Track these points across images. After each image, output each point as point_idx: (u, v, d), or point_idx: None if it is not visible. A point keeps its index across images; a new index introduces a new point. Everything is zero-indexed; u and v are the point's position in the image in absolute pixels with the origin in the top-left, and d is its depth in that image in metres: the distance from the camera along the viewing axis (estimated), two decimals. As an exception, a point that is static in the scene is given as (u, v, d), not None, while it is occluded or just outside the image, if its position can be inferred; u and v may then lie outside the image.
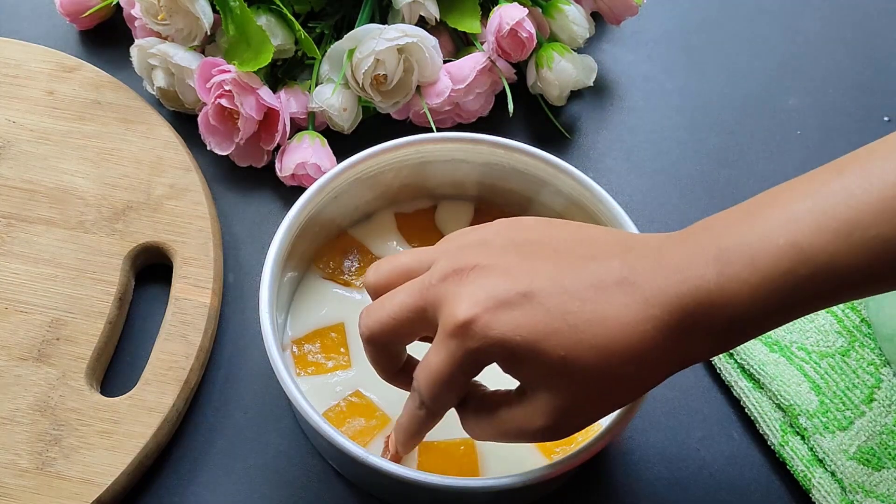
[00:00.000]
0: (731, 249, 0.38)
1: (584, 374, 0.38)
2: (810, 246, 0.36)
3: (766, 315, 0.38)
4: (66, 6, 0.66)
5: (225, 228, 0.61)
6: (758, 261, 0.37)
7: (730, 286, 0.37)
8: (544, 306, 0.38)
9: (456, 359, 0.39)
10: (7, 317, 0.55)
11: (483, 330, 0.38)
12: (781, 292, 0.37)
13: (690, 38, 0.71)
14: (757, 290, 0.37)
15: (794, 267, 0.37)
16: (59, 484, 0.50)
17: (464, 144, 0.55)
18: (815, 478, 0.52)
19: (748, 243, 0.38)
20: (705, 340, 0.38)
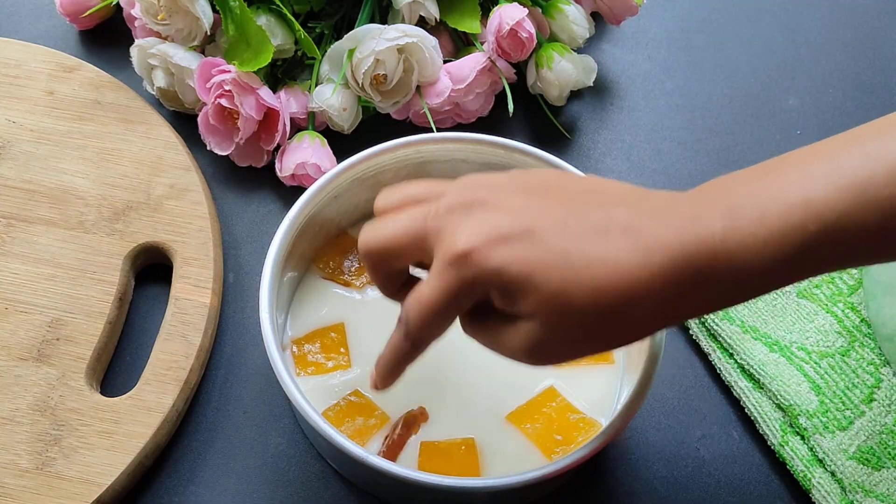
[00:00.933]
0: (741, 205, 0.37)
1: (574, 311, 0.38)
2: (822, 202, 0.36)
3: (770, 271, 0.37)
4: (65, 6, 0.66)
5: (225, 228, 0.61)
6: (767, 216, 0.37)
7: (736, 238, 0.37)
8: (544, 243, 0.38)
9: (450, 288, 0.39)
10: (7, 317, 0.55)
11: (480, 260, 0.38)
12: (789, 248, 0.37)
13: (690, 38, 0.71)
14: (765, 244, 0.37)
15: (803, 223, 0.36)
16: (59, 484, 0.50)
17: (464, 144, 0.55)
18: (814, 478, 0.52)
19: (759, 198, 0.37)
20: (704, 295, 0.38)
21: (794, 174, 0.38)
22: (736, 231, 0.37)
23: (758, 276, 0.37)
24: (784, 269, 0.37)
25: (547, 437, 0.51)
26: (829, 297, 0.57)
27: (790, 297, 0.57)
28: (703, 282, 0.38)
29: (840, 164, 0.37)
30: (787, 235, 0.37)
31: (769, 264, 0.37)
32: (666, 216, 0.39)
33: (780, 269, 0.37)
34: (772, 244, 0.37)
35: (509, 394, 0.52)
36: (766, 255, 0.37)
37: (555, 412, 0.51)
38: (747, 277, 0.38)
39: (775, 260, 0.37)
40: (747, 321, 0.56)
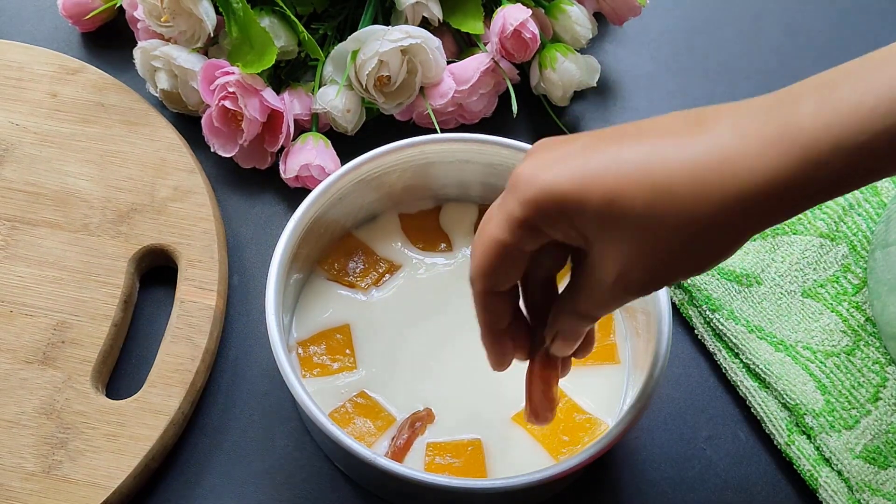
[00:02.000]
0: (834, 83, 0.33)
1: (640, 219, 0.34)
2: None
3: (878, 150, 0.32)
4: (68, 8, 0.66)
5: (229, 230, 0.61)
6: (868, 89, 0.32)
7: (832, 108, 0.32)
8: (597, 153, 0.35)
9: (509, 217, 0.36)
10: (12, 320, 0.55)
11: (531, 179, 0.36)
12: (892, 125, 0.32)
13: (693, 38, 0.71)
14: (871, 113, 0.32)
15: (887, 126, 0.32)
16: (66, 487, 0.50)
17: (468, 145, 0.55)
18: (821, 477, 0.52)
19: (855, 78, 0.33)
20: (799, 179, 0.33)
21: (891, 56, 0.33)
22: (833, 101, 0.33)
23: (862, 154, 0.32)
24: (887, 146, 0.32)
25: (553, 437, 0.51)
26: (833, 297, 0.57)
27: (795, 296, 0.57)
28: (799, 160, 0.33)
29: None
30: (889, 116, 0.32)
31: (877, 140, 0.32)
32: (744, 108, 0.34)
33: (890, 148, 0.32)
34: (879, 114, 0.32)
35: (515, 394, 0.52)
36: (876, 128, 0.32)
37: (561, 412, 0.51)
38: (853, 155, 0.32)
39: (886, 135, 0.32)
40: (752, 321, 0.56)
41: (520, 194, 0.36)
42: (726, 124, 0.34)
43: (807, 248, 0.58)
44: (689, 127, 0.35)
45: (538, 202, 0.36)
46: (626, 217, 0.34)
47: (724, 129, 0.34)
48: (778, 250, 0.58)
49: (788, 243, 0.58)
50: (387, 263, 0.57)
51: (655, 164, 0.34)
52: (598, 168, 0.35)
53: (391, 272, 0.56)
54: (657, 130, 0.35)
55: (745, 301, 0.56)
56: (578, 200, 0.35)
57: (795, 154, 0.33)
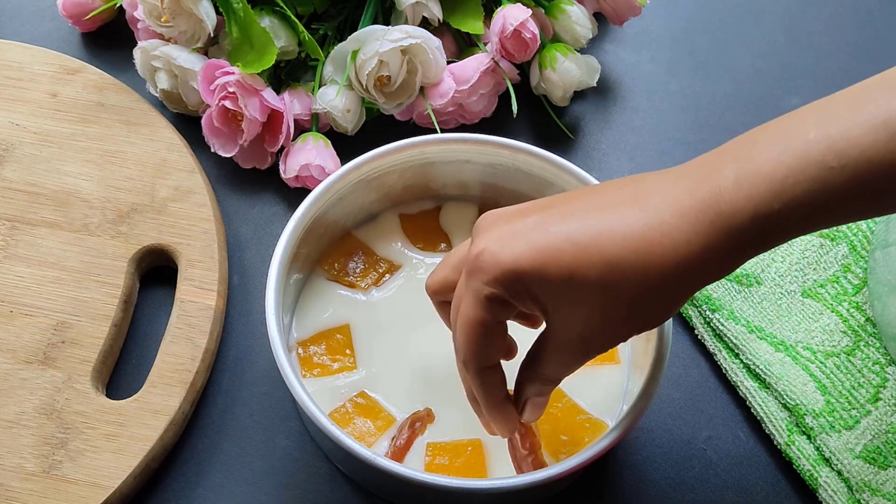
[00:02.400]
0: (754, 149, 0.36)
1: (595, 290, 0.37)
2: (843, 138, 0.35)
3: (791, 215, 0.35)
4: (68, 8, 0.66)
5: (229, 230, 0.61)
6: (783, 154, 0.35)
7: (750, 180, 0.35)
8: (551, 231, 0.38)
9: (478, 297, 0.40)
10: (12, 320, 0.55)
11: (492, 259, 0.38)
12: (809, 187, 0.35)
13: (694, 38, 0.71)
14: (782, 183, 0.35)
15: (823, 158, 0.34)
16: (66, 487, 0.50)
17: (468, 145, 0.55)
18: (821, 477, 0.52)
19: (771, 141, 0.36)
20: (726, 246, 0.36)
21: (812, 116, 0.36)
22: (750, 173, 0.35)
23: (778, 220, 0.35)
24: (807, 211, 0.35)
25: (553, 437, 0.51)
26: (834, 297, 0.57)
27: (795, 296, 0.57)
28: (724, 232, 0.36)
29: (864, 102, 0.35)
30: (805, 172, 0.35)
31: (789, 206, 0.35)
32: (672, 178, 0.38)
33: (803, 210, 0.35)
34: (789, 184, 0.35)
35: (516, 395, 0.52)
36: (785, 196, 0.35)
37: (561, 413, 0.51)
38: (767, 223, 0.36)
39: (795, 201, 0.35)
40: (753, 321, 0.56)
41: (485, 275, 0.39)
42: (662, 198, 0.38)
43: (807, 248, 0.58)
44: (630, 201, 0.38)
45: (504, 280, 0.39)
46: (584, 288, 0.38)
47: (660, 203, 0.37)
48: (778, 250, 0.58)
49: (788, 243, 0.58)
50: (387, 263, 0.57)
51: (605, 240, 0.37)
52: (555, 244, 0.38)
53: (391, 272, 0.56)
54: (602, 204, 0.39)
55: (745, 301, 0.56)
56: (539, 276, 0.38)
57: (721, 224, 0.36)
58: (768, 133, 0.37)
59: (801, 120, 0.37)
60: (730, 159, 0.37)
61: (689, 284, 0.38)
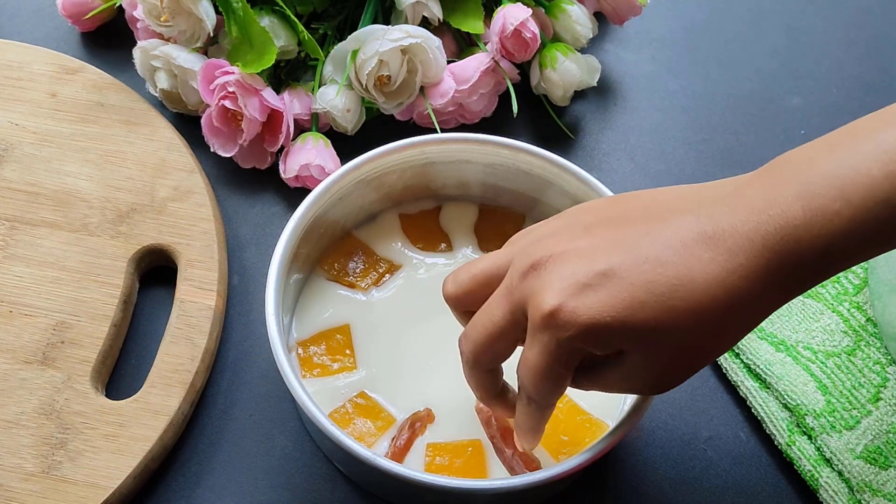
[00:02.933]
0: (816, 183, 0.37)
1: (679, 337, 0.38)
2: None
3: (858, 247, 0.37)
4: (67, 8, 0.66)
5: (229, 230, 0.61)
6: (848, 193, 0.36)
7: (818, 221, 0.36)
8: (626, 280, 0.38)
9: (551, 350, 0.39)
10: (11, 320, 0.55)
11: (571, 317, 0.38)
12: (876, 223, 0.36)
13: (694, 38, 0.71)
14: (850, 222, 0.36)
15: (887, 196, 0.36)
16: (65, 488, 0.50)
17: (468, 145, 0.55)
18: (822, 477, 0.52)
19: (836, 175, 0.37)
20: (797, 279, 0.38)
21: (867, 146, 0.37)
22: (817, 212, 0.36)
23: (846, 252, 0.37)
24: (873, 242, 0.37)
25: (554, 438, 0.50)
26: (834, 297, 0.57)
27: (796, 296, 0.57)
28: (792, 268, 0.37)
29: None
30: (871, 211, 0.36)
31: (856, 240, 0.36)
32: (735, 209, 0.38)
33: (869, 243, 0.37)
34: (857, 221, 0.36)
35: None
36: (852, 233, 0.36)
37: (562, 413, 0.51)
38: (836, 256, 0.37)
39: (863, 235, 0.36)
40: (753, 321, 0.56)
41: (561, 332, 0.38)
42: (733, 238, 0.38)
43: (807, 248, 0.58)
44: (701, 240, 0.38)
45: (581, 338, 0.38)
46: (668, 336, 0.38)
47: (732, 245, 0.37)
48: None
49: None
50: (387, 263, 0.56)
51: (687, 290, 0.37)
52: (636, 297, 0.38)
53: (391, 272, 0.56)
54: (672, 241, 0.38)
55: (745, 301, 0.56)
56: (622, 330, 0.38)
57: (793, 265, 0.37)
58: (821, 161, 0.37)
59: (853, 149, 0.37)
60: (790, 190, 0.37)
61: (761, 317, 0.39)
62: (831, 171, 0.37)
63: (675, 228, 0.39)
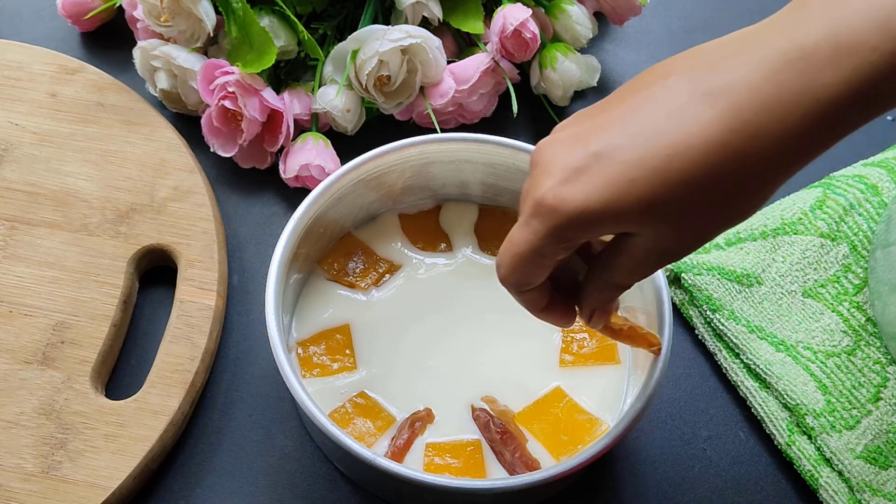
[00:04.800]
0: (849, 17, 0.32)
1: (680, 209, 0.34)
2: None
3: (893, 90, 0.32)
4: (67, 8, 0.66)
5: (229, 230, 0.61)
6: (892, 23, 0.31)
7: (851, 61, 0.32)
8: (616, 159, 0.34)
9: (538, 238, 0.37)
10: (11, 320, 0.55)
11: (559, 203, 0.35)
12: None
13: (694, 38, 0.71)
14: (892, 56, 0.31)
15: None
16: (65, 488, 0.50)
17: (468, 145, 0.55)
18: (822, 477, 0.52)
19: (878, 6, 0.32)
20: (822, 132, 0.33)
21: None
22: (850, 50, 0.31)
23: (881, 97, 0.32)
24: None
25: (554, 437, 0.51)
26: (834, 297, 0.57)
27: (796, 296, 0.57)
28: (816, 121, 0.32)
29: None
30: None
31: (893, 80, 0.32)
32: (746, 60, 0.33)
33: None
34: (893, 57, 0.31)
35: (516, 394, 0.52)
36: (889, 71, 0.31)
37: (562, 413, 0.51)
38: (870, 102, 0.32)
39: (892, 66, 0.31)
40: (753, 321, 0.56)
41: (550, 220, 0.36)
42: (737, 90, 0.33)
43: (807, 247, 0.58)
44: (700, 97, 0.34)
45: (570, 227, 0.36)
46: (667, 211, 0.35)
47: (736, 97, 0.33)
48: (779, 250, 0.58)
49: (789, 243, 0.58)
50: (387, 263, 0.56)
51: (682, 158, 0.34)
52: (626, 175, 0.34)
53: (391, 272, 0.56)
54: (668, 105, 0.34)
55: (745, 301, 0.56)
56: (614, 213, 0.35)
57: (818, 112, 0.33)
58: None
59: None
60: (818, 26, 0.32)
61: (784, 175, 0.35)
62: (872, 2, 0.32)
63: (672, 92, 0.34)
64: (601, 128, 0.36)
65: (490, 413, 0.51)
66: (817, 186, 0.60)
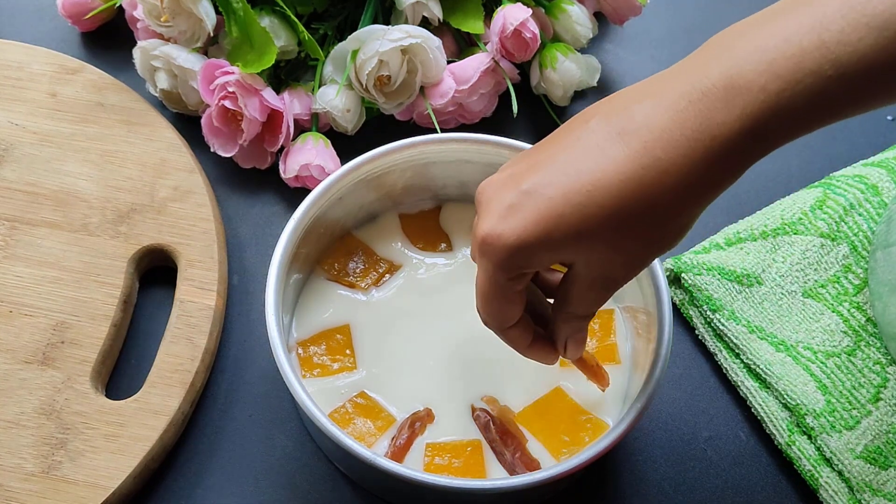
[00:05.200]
0: (743, 59, 0.35)
1: (605, 238, 0.37)
2: (839, 44, 0.33)
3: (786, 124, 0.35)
4: (67, 8, 0.66)
5: (229, 231, 0.61)
6: (777, 65, 0.34)
7: (743, 99, 0.34)
8: (545, 196, 0.38)
9: (491, 274, 0.40)
10: (11, 320, 0.55)
11: (498, 240, 0.39)
12: (807, 96, 0.34)
13: (693, 37, 0.71)
14: (778, 97, 0.34)
15: (819, 67, 0.33)
16: (66, 488, 0.50)
17: (468, 145, 0.55)
18: (822, 477, 0.52)
19: (765, 48, 0.34)
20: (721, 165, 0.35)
21: (803, 16, 0.34)
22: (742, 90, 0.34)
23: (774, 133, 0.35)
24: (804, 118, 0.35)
25: (554, 437, 0.51)
26: (834, 297, 0.57)
27: (796, 297, 0.57)
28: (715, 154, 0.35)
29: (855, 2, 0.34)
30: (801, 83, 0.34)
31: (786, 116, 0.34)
32: (656, 103, 0.36)
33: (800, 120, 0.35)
34: (786, 96, 0.34)
35: (516, 394, 0.52)
36: (782, 108, 0.34)
37: (562, 413, 0.51)
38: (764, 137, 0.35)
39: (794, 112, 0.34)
40: (753, 321, 0.56)
41: (494, 256, 0.39)
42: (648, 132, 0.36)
43: (808, 248, 0.58)
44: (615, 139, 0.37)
45: (512, 258, 0.39)
46: (594, 239, 0.38)
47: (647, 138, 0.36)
48: (779, 250, 0.58)
49: (789, 243, 0.58)
50: (387, 263, 0.56)
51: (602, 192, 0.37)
52: (554, 210, 0.37)
53: (391, 272, 0.56)
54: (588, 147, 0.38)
55: (745, 301, 0.56)
56: (547, 243, 0.38)
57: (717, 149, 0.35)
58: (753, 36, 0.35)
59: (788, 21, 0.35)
60: (714, 69, 0.35)
61: (697, 206, 0.38)
62: (760, 45, 0.35)
63: (592, 133, 0.38)
64: (532, 168, 0.39)
65: (490, 413, 0.51)
66: (817, 186, 0.60)
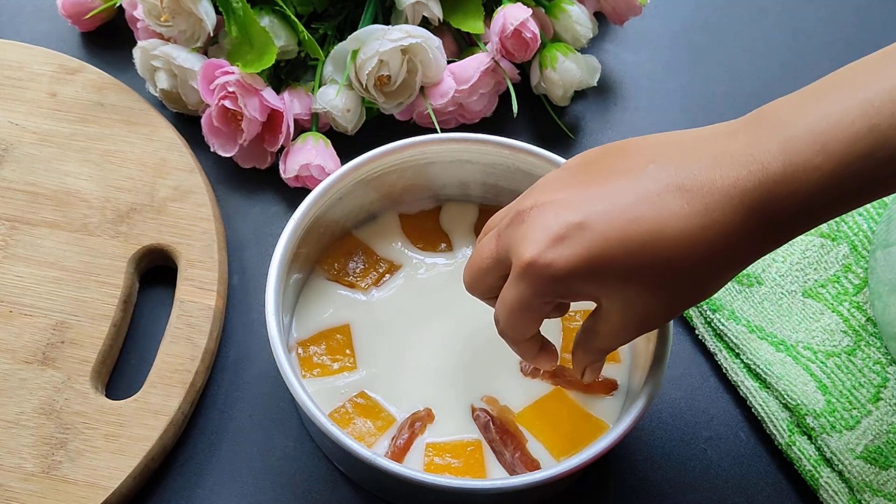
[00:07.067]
0: (799, 137, 0.37)
1: (650, 286, 0.39)
2: (890, 127, 0.35)
3: (836, 201, 0.37)
4: (67, 8, 0.66)
5: (229, 230, 0.61)
6: (830, 147, 0.36)
7: (799, 177, 0.36)
8: (599, 233, 0.38)
9: (526, 296, 0.41)
10: (11, 320, 0.55)
11: (545, 268, 0.39)
12: (857, 178, 0.36)
13: (694, 37, 0.71)
14: (830, 177, 0.36)
15: (870, 151, 0.36)
16: (66, 488, 0.50)
17: (468, 145, 0.55)
18: (822, 477, 0.52)
19: (819, 130, 0.36)
20: (774, 233, 0.38)
21: (852, 98, 0.37)
22: (798, 168, 0.36)
23: (825, 206, 0.37)
24: (852, 196, 0.37)
25: (554, 437, 0.51)
26: (834, 297, 0.57)
27: (796, 296, 0.57)
28: (769, 224, 0.37)
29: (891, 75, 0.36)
30: (852, 166, 0.36)
31: (835, 195, 0.37)
32: (714, 163, 0.38)
33: (848, 197, 0.37)
34: (837, 175, 0.36)
35: (516, 394, 0.52)
36: (832, 187, 0.36)
37: (562, 413, 0.51)
38: (814, 210, 0.37)
39: (842, 190, 0.36)
40: (753, 321, 0.56)
41: (537, 282, 0.40)
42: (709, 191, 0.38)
43: (808, 247, 0.58)
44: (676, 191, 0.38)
45: (554, 287, 0.40)
46: (640, 286, 0.39)
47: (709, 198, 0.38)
48: (779, 250, 0.58)
49: (789, 243, 0.58)
50: (387, 263, 0.56)
51: (659, 243, 0.38)
52: (608, 249, 0.38)
53: (391, 272, 0.56)
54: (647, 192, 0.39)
55: (745, 301, 0.56)
56: (594, 280, 0.39)
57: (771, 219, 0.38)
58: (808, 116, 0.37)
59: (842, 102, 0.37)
60: (775, 145, 0.37)
61: (742, 266, 0.40)
62: (814, 125, 0.37)
63: (652, 180, 0.39)
64: (586, 200, 0.40)
65: (490, 413, 0.51)
66: (817, 186, 0.60)
